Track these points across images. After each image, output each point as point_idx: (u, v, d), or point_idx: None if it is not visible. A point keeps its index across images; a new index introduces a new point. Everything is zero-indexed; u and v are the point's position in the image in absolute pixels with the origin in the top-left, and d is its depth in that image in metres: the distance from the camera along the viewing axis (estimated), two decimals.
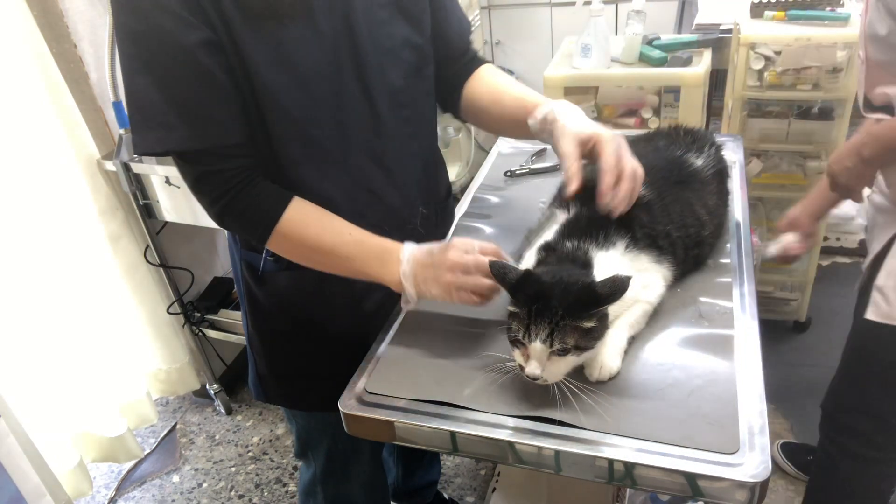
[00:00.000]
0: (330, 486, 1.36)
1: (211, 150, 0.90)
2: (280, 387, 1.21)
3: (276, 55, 0.89)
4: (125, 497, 2.11)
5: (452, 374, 0.94)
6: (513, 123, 1.08)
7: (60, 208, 1.77)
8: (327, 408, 0.98)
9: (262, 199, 0.95)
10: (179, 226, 1.98)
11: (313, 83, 0.93)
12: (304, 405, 1.24)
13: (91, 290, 1.89)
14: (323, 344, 1.14)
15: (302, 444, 1.33)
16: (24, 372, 1.73)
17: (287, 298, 1.11)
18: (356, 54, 0.95)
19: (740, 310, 1.00)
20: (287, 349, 1.17)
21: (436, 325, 1.04)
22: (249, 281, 1.12)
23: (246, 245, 1.11)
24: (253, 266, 1.10)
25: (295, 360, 1.17)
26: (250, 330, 1.19)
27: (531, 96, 1.06)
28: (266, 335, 1.17)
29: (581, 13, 2.52)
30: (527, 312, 0.83)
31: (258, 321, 1.16)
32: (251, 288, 1.12)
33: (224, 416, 2.35)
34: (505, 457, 0.86)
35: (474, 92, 1.13)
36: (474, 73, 1.15)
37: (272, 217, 0.95)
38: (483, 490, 1.95)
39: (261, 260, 1.08)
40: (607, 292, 0.82)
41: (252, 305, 1.15)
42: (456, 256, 0.93)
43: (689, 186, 1.08)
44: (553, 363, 0.83)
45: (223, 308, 2.17)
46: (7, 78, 1.60)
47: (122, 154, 1.77)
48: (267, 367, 1.20)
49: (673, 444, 0.79)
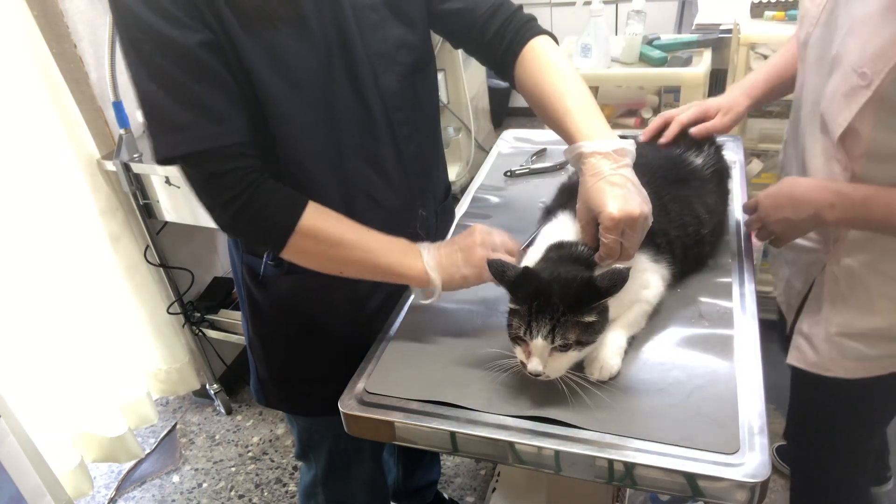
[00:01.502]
0: (331, 487, 1.35)
1: (223, 150, 0.88)
2: (281, 391, 1.21)
3: (271, 59, 0.88)
4: (125, 497, 2.11)
5: (452, 374, 0.94)
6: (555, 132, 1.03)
7: (60, 208, 1.77)
8: (328, 412, 0.97)
9: (278, 200, 0.91)
10: (179, 226, 1.98)
11: (306, 88, 0.92)
12: (304, 410, 1.24)
13: (91, 290, 1.89)
14: (324, 348, 1.14)
15: (303, 445, 1.33)
16: (25, 372, 1.73)
17: (288, 302, 1.10)
18: (349, 59, 0.95)
19: (740, 310, 1.00)
20: (288, 353, 1.17)
21: (436, 325, 1.04)
22: (250, 285, 1.11)
23: (247, 249, 1.10)
24: (254, 270, 1.09)
25: (296, 364, 1.17)
26: (251, 334, 1.18)
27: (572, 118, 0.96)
28: (267, 339, 1.17)
29: (581, 13, 2.53)
30: (527, 309, 0.83)
31: (259, 325, 1.16)
32: (252, 292, 1.12)
33: (224, 416, 2.35)
34: (505, 457, 0.86)
35: (522, 82, 1.06)
36: (521, 55, 1.05)
37: (290, 219, 0.91)
38: (483, 490, 1.95)
39: (261, 264, 1.08)
40: (607, 285, 0.82)
41: (253, 309, 1.14)
42: (483, 235, 0.96)
43: (688, 185, 1.08)
44: (555, 359, 0.83)
45: (223, 308, 2.17)
46: (7, 78, 1.60)
47: (122, 154, 1.77)
48: (267, 372, 1.19)
49: (673, 444, 0.79)
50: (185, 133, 0.86)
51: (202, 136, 0.86)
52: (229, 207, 0.89)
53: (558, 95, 0.99)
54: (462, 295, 1.09)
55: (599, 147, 0.90)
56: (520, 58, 1.05)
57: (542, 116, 1.04)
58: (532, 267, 0.89)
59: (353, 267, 0.97)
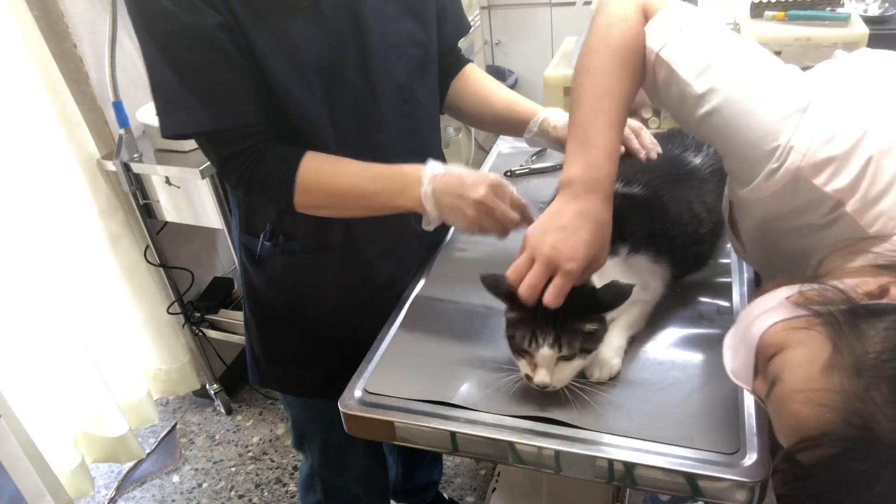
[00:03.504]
0: (327, 477, 1.36)
1: (231, 130, 0.92)
2: (274, 370, 1.23)
3: (281, 45, 0.90)
4: (125, 497, 2.11)
5: (452, 374, 0.94)
6: (501, 125, 1.21)
7: (60, 208, 1.77)
8: (319, 394, 0.99)
9: (275, 165, 0.96)
10: (179, 226, 1.98)
11: (314, 75, 0.94)
12: (295, 390, 1.25)
13: (91, 291, 1.89)
14: (315, 330, 1.15)
15: (297, 433, 1.35)
16: (25, 372, 1.73)
17: (281, 282, 1.12)
18: (362, 48, 0.96)
19: (740, 310, 0.99)
20: (280, 333, 1.18)
21: (436, 325, 1.04)
22: (247, 264, 1.14)
23: (245, 228, 1.12)
24: (250, 249, 1.12)
25: (288, 344, 1.19)
26: (247, 314, 1.21)
27: (521, 101, 1.15)
28: (261, 318, 1.18)
29: (581, 13, 2.53)
30: (529, 320, 0.83)
31: (255, 304, 1.18)
32: (248, 271, 1.14)
33: (224, 416, 2.35)
34: (505, 457, 0.86)
35: (461, 91, 1.19)
36: (460, 73, 1.20)
37: (288, 179, 0.96)
38: (483, 490, 1.95)
39: (258, 243, 1.09)
40: (609, 298, 0.82)
41: (249, 289, 1.17)
42: (488, 197, 0.90)
43: (687, 184, 1.08)
44: (560, 369, 0.83)
45: (223, 308, 2.17)
46: (7, 78, 1.60)
47: (122, 154, 1.77)
48: (262, 351, 1.21)
49: (673, 444, 0.79)
50: (191, 114, 0.89)
51: (206, 119, 0.90)
52: (241, 182, 0.97)
53: (497, 90, 1.18)
54: (462, 295, 1.10)
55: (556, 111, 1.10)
56: (455, 78, 1.20)
57: (485, 119, 1.19)
58: None
59: (356, 212, 1.01)
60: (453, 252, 1.22)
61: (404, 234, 1.01)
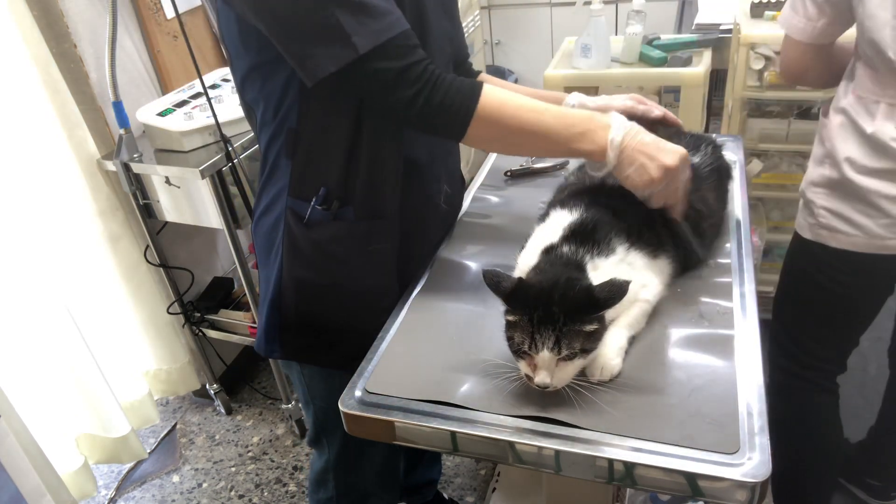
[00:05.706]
0: (342, 473, 1.35)
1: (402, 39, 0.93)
2: (303, 338, 1.19)
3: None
4: (125, 497, 2.11)
5: (453, 374, 0.94)
6: None
7: (60, 208, 1.77)
8: (345, 366, 0.99)
9: (456, 91, 0.97)
10: (179, 226, 1.98)
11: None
12: (323, 360, 1.21)
13: (91, 291, 1.89)
14: (355, 299, 1.14)
15: (317, 429, 1.32)
16: (25, 372, 1.73)
17: (328, 247, 1.11)
18: (424, 40, 0.99)
19: (740, 310, 1.00)
20: (319, 299, 1.16)
21: (436, 325, 1.04)
22: (293, 227, 1.11)
23: (294, 192, 1.10)
24: (298, 213, 1.10)
25: (326, 311, 1.16)
26: (284, 279, 1.16)
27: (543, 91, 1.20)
28: (302, 283, 1.15)
29: (581, 13, 2.53)
30: (528, 321, 0.83)
31: (296, 268, 1.14)
32: (294, 235, 1.11)
33: (224, 416, 2.35)
34: (505, 457, 0.86)
35: None
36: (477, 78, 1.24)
37: (469, 106, 0.96)
38: (483, 490, 1.95)
39: (308, 208, 1.08)
40: (606, 296, 0.82)
41: (291, 253, 1.13)
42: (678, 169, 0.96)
43: None
44: (560, 369, 0.83)
45: (223, 308, 2.16)
46: (7, 78, 1.60)
47: (122, 154, 1.77)
48: (295, 317, 1.18)
49: (673, 444, 0.79)
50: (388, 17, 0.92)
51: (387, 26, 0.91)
52: (416, 99, 0.95)
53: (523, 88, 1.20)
54: (462, 295, 1.10)
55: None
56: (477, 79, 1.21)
57: None
58: (527, 278, 0.89)
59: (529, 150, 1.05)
60: (454, 251, 1.23)
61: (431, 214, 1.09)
